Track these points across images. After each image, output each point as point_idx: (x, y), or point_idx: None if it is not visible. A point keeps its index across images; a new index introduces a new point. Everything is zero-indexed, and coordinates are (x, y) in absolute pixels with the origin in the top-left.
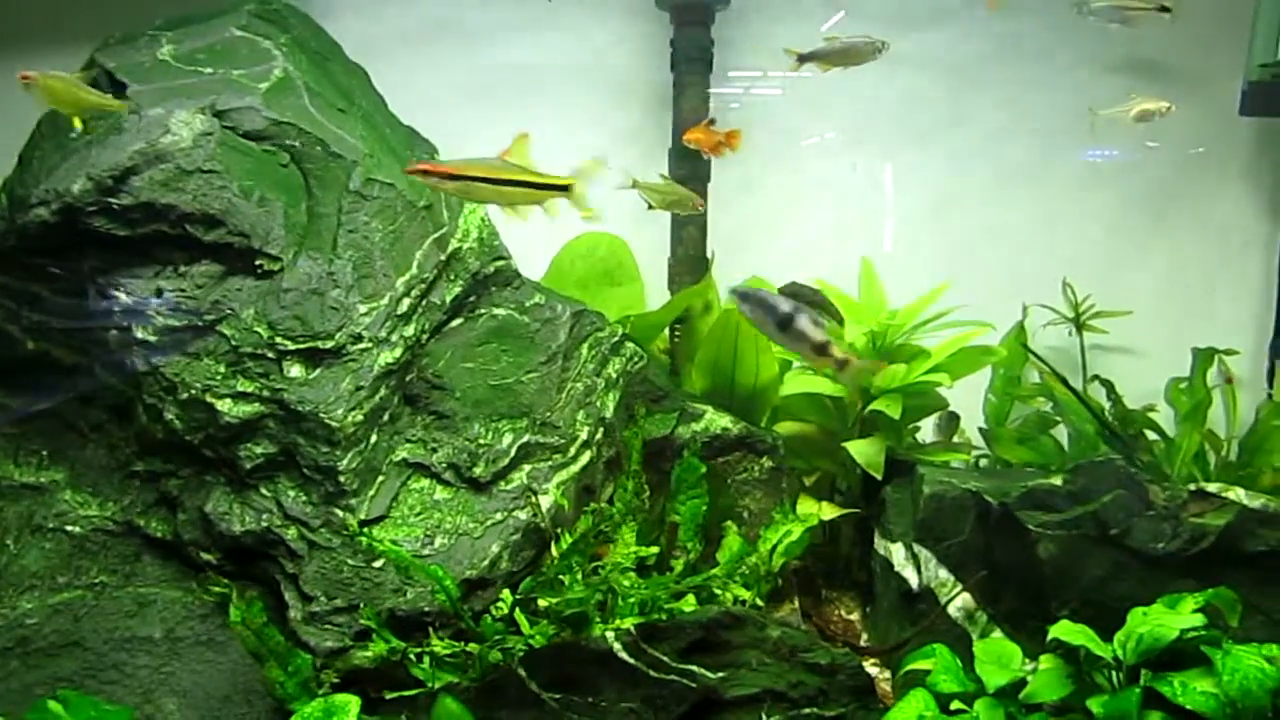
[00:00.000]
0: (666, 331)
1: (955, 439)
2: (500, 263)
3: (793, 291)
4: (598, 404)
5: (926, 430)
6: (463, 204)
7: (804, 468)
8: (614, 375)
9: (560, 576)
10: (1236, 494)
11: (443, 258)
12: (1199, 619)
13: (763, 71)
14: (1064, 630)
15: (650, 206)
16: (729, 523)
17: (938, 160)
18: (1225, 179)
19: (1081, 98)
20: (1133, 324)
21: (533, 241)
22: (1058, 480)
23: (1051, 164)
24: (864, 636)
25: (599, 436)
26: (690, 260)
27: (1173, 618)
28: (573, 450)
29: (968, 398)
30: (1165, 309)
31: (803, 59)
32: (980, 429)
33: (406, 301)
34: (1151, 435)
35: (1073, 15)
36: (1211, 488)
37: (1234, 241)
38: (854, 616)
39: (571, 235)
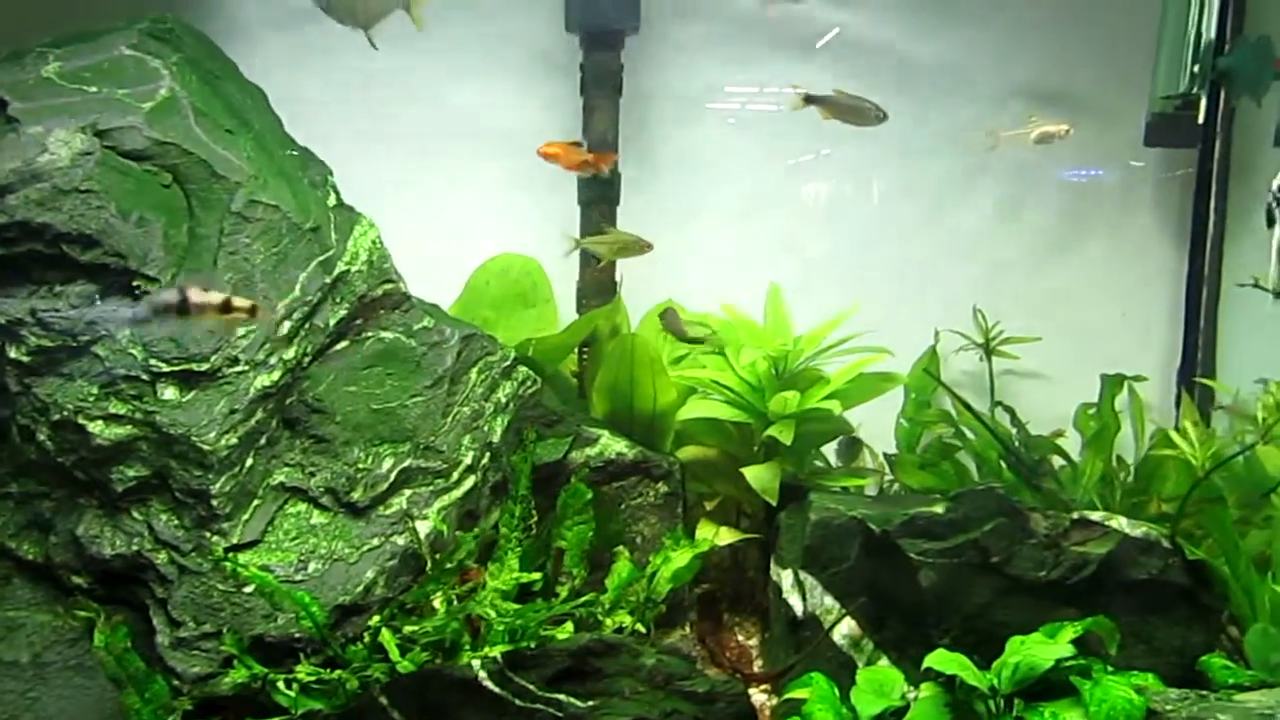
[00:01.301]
0: (576, 354)
1: (870, 464)
2: (389, 285)
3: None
4: (485, 428)
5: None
6: (352, 226)
7: (706, 492)
8: (504, 400)
9: (432, 602)
10: (1119, 522)
11: (328, 280)
12: (1070, 649)
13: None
14: (939, 659)
15: (599, 261)
16: (620, 548)
17: (851, 186)
18: (1135, 208)
19: (993, 125)
20: (1046, 350)
21: (448, 262)
22: (940, 508)
23: (966, 192)
24: (758, 663)
25: (485, 461)
26: (598, 283)
27: (1047, 647)
28: (456, 475)
29: (887, 422)
30: (1078, 335)
31: (809, 100)
32: (885, 454)
33: (288, 324)
34: (1059, 461)
35: (986, 44)
36: (1094, 516)
37: (1143, 270)
38: (753, 642)
39: (487, 255)
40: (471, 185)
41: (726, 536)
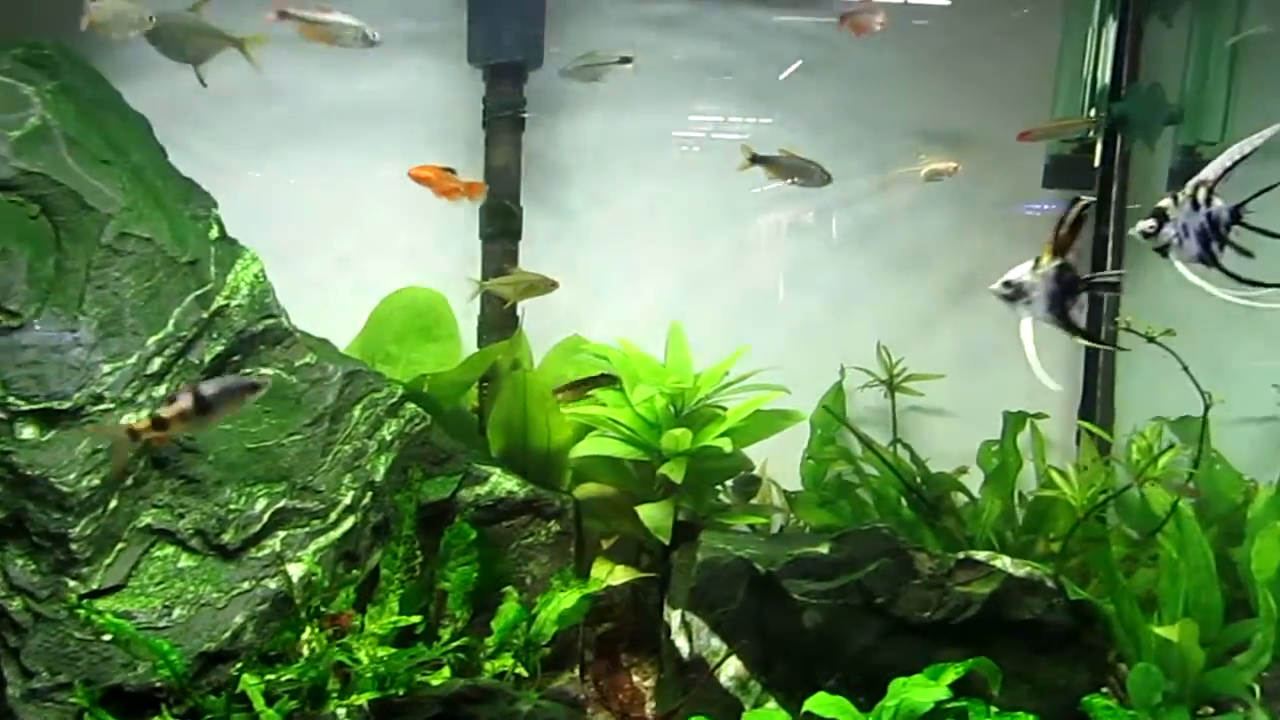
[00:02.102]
0: (477, 389)
1: (778, 502)
2: (270, 321)
3: None
4: (368, 467)
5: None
6: (234, 260)
7: (604, 530)
8: (389, 437)
9: (302, 649)
10: (1003, 562)
11: (205, 315)
12: (948, 691)
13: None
14: (819, 703)
15: (506, 302)
16: (509, 589)
17: (758, 224)
18: (1038, 248)
19: (896, 166)
20: (952, 387)
21: (352, 295)
22: (825, 548)
23: (871, 231)
24: (651, 705)
25: (366, 501)
26: (500, 317)
27: (926, 689)
28: (334, 515)
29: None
30: (983, 372)
31: (754, 160)
32: (786, 492)
33: (158, 361)
34: (963, 498)
35: (891, 87)
36: (980, 555)
37: None
38: (649, 683)
39: (391, 288)
40: (375, 218)
41: (621, 576)
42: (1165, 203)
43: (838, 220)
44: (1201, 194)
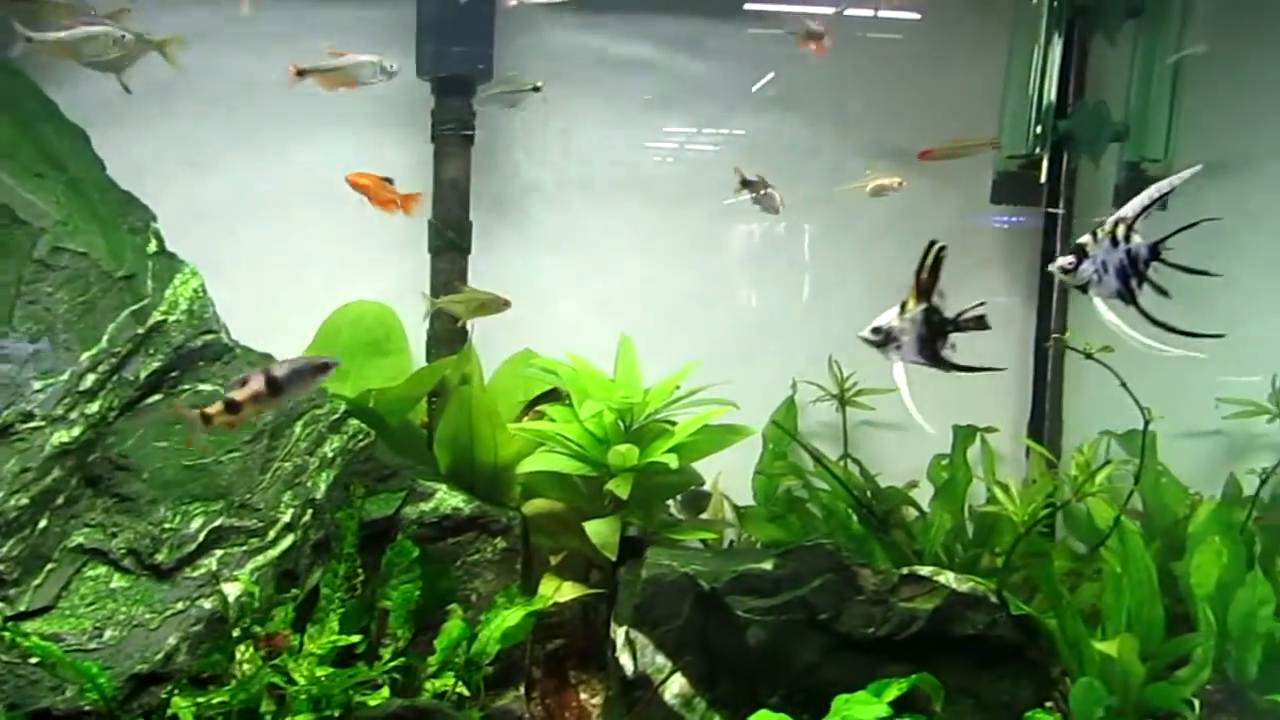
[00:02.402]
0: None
1: (730, 517)
2: (210, 336)
3: None
4: (308, 484)
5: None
6: (173, 275)
7: (552, 546)
8: (331, 454)
9: (234, 669)
10: (946, 577)
11: (140, 331)
12: (888, 709)
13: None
14: None
15: (458, 321)
16: (453, 607)
17: (708, 239)
18: (987, 262)
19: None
20: (902, 401)
21: (302, 310)
22: (769, 564)
23: (823, 246)
24: None
25: (307, 518)
26: (449, 332)
27: (867, 707)
28: (273, 534)
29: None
30: (935, 386)
31: (745, 184)
32: (736, 507)
33: (92, 377)
34: (913, 512)
35: (839, 107)
36: (924, 571)
37: (995, 322)
38: (596, 701)
39: (341, 302)
40: (324, 232)
41: (569, 592)
42: (1085, 239)
43: (791, 235)
44: (1121, 231)
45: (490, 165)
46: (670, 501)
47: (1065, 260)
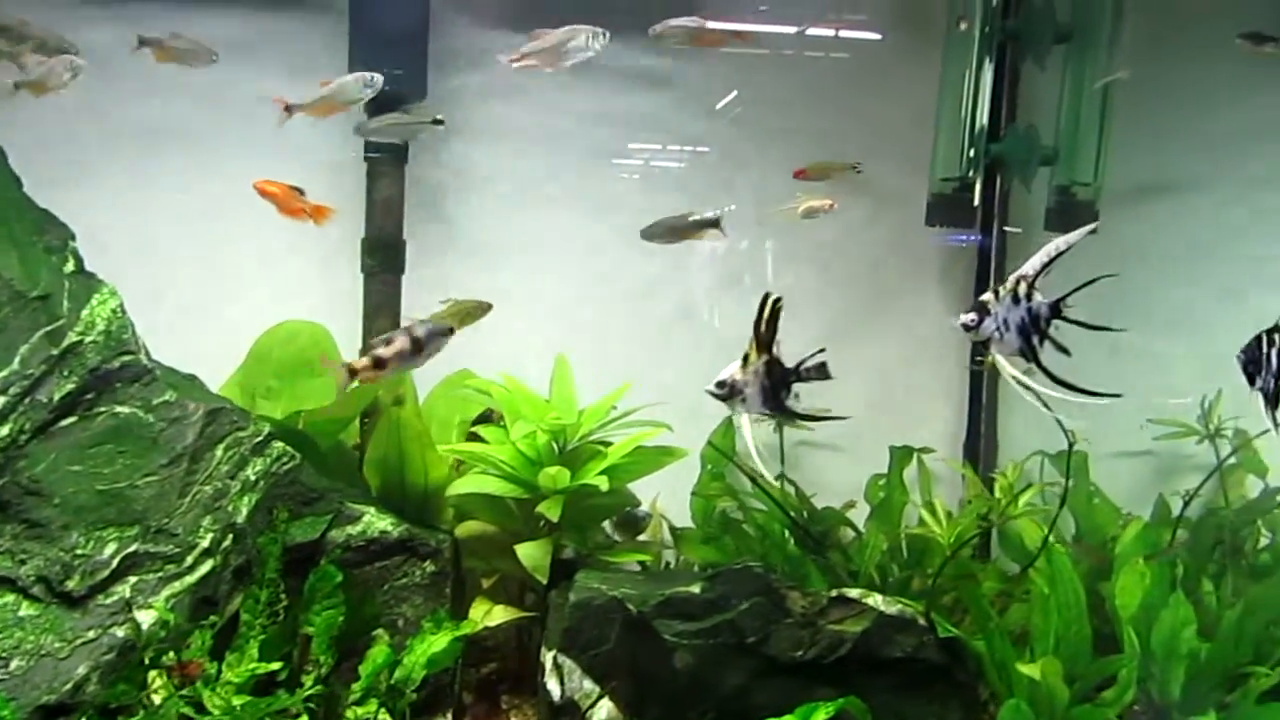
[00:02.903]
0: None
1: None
2: (128, 357)
3: None
4: (229, 508)
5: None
6: (90, 295)
7: (484, 569)
8: (253, 477)
9: (144, 699)
10: (875, 600)
11: (55, 352)
12: None
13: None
14: None
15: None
16: (380, 632)
17: (646, 261)
18: (924, 285)
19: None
20: (843, 422)
21: (230, 329)
22: (697, 587)
23: (763, 267)
24: None
25: (227, 543)
26: None
27: None
28: (190, 560)
29: None
30: (874, 408)
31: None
32: (672, 528)
33: (2, 399)
34: (851, 533)
35: (779, 126)
36: (853, 593)
37: (932, 344)
38: None
39: (272, 322)
40: (256, 252)
41: (500, 616)
42: (987, 296)
43: (731, 255)
44: (1022, 288)
45: (425, 184)
46: (606, 523)
47: (967, 317)
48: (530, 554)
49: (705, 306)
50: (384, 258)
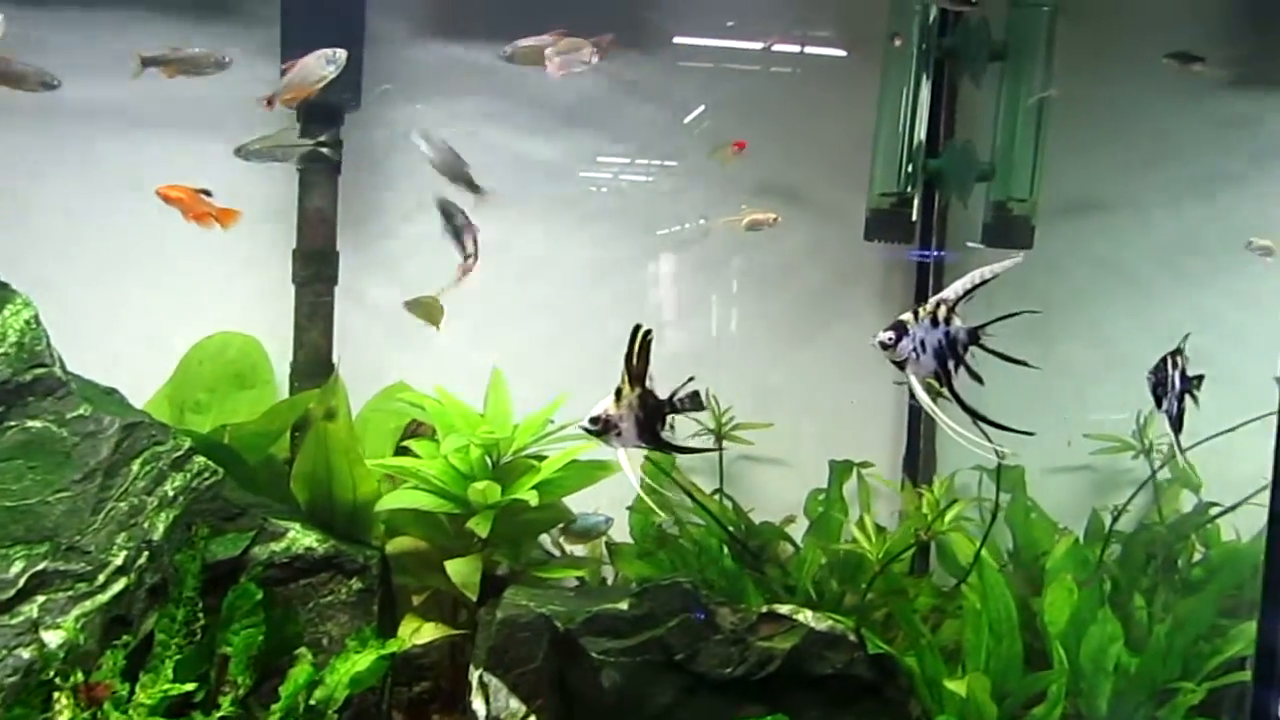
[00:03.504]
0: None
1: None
2: (41, 370)
3: None
4: (145, 525)
5: None
6: (2, 306)
7: (416, 586)
8: (172, 493)
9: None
10: (805, 616)
11: None
12: None
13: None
14: None
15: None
16: (302, 651)
17: (582, 273)
18: (866, 300)
19: (712, 215)
20: (784, 436)
21: (159, 341)
22: (625, 604)
23: (702, 282)
24: None
25: (142, 561)
26: (312, 365)
27: None
28: (102, 578)
29: None
30: (816, 421)
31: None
32: (609, 543)
33: None
34: (790, 548)
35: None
36: (783, 609)
37: (873, 358)
38: None
39: (203, 334)
40: (186, 262)
41: (429, 634)
42: (906, 316)
43: (670, 269)
44: (942, 312)
45: (360, 193)
46: (546, 536)
47: (885, 335)
48: (460, 570)
49: (648, 320)
50: (316, 268)
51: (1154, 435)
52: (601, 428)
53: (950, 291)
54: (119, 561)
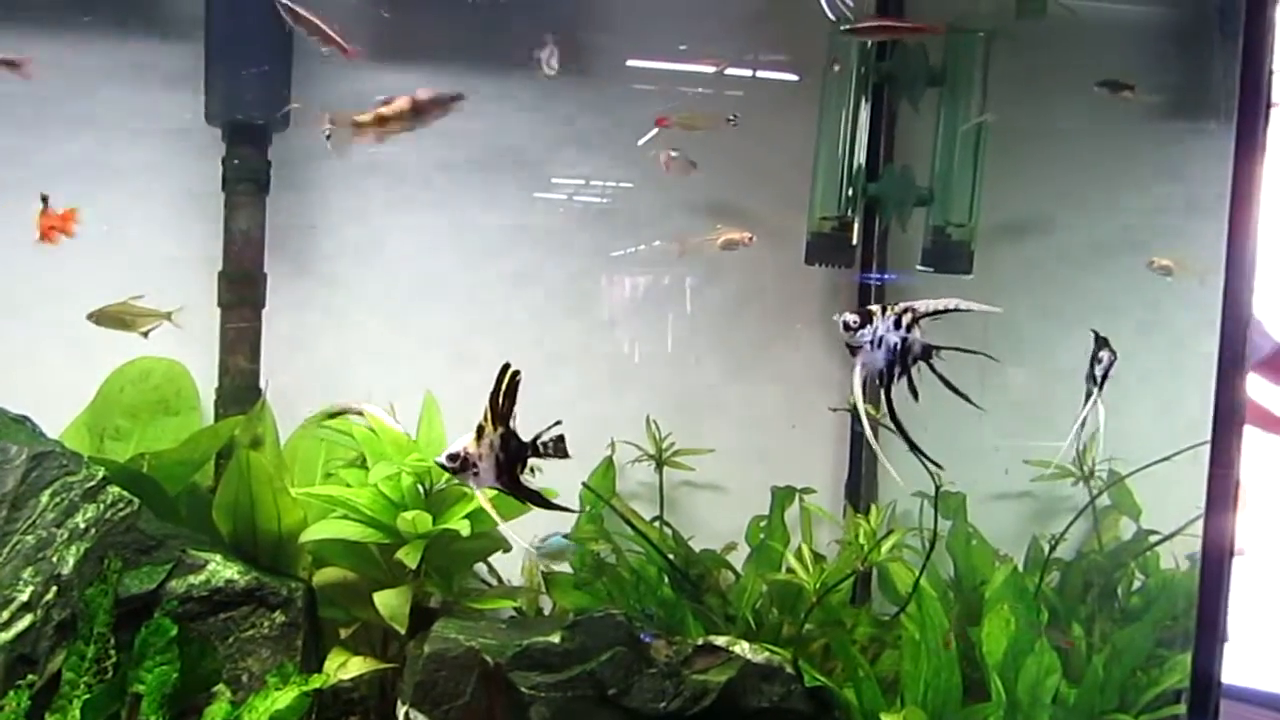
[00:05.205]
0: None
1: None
2: None
3: None
4: (54, 559)
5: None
6: None
7: (344, 619)
8: (83, 525)
9: None
10: (741, 648)
11: None
12: None
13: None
14: None
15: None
16: (220, 688)
17: (518, 294)
18: (809, 324)
19: (680, 234)
20: (724, 462)
21: (76, 366)
22: (556, 636)
23: (642, 305)
24: None
25: (49, 597)
26: (238, 390)
27: None
28: (5, 615)
29: None
30: (758, 445)
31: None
32: (545, 572)
33: None
34: (731, 576)
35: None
36: (719, 641)
37: (812, 383)
38: None
39: (123, 359)
40: (106, 283)
41: (356, 668)
42: (875, 308)
43: (612, 292)
44: (907, 318)
45: (289, 214)
46: (483, 565)
47: (851, 317)
48: (388, 602)
49: (585, 344)
50: (242, 291)
51: (1094, 460)
52: (459, 465)
53: (921, 304)
54: (24, 597)
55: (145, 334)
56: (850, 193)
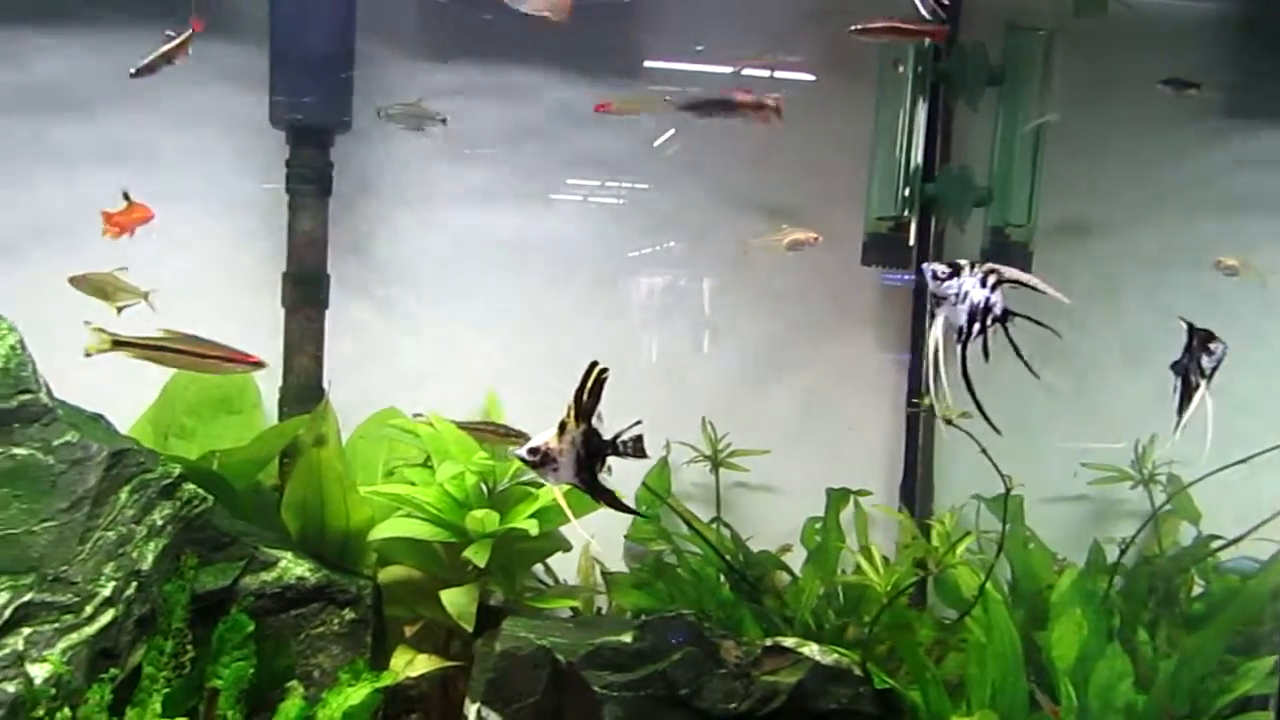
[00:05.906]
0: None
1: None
2: (26, 396)
3: None
4: (133, 555)
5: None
6: None
7: (409, 616)
8: (160, 522)
9: None
10: (810, 649)
11: None
12: None
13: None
14: None
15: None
16: (293, 684)
17: (573, 294)
18: (861, 325)
19: (742, 235)
20: (778, 464)
21: (145, 365)
22: (628, 636)
23: (695, 305)
24: None
25: (130, 592)
26: (301, 389)
27: None
28: (90, 610)
29: None
30: (811, 448)
31: None
32: (605, 573)
33: None
34: (787, 577)
35: (723, 163)
36: (788, 642)
37: (868, 385)
38: None
39: None
40: (172, 286)
41: (422, 666)
42: (963, 262)
43: (666, 294)
44: (992, 279)
45: (352, 216)
46: (540, 565)
47: (940, 267)
48: (455, 600)
49: (642, 343)
50: (306, 292)
51: (1153, 464)
52: (539, 460)
53: (1010, 271)
54: (107, 592)
55: (119, 310)
56: (907, 193)
